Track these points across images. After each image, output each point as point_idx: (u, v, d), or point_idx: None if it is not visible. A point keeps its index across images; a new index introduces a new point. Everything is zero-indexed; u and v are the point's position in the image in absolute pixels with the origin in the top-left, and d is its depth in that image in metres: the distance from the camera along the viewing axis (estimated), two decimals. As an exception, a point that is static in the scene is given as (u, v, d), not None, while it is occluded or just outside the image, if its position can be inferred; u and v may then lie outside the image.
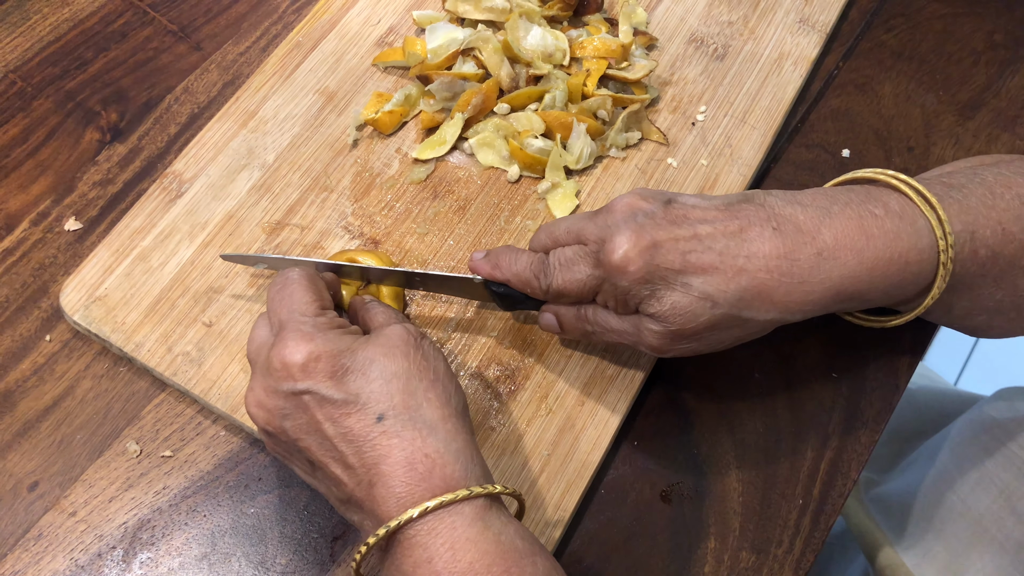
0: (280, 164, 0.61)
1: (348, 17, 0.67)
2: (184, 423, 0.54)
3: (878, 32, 0.72)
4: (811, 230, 0.45)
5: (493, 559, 0.40)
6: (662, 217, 0.46)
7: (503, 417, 0.54)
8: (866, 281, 0.46)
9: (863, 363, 0.58)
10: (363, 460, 0.41)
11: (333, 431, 0.42)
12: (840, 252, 0.45)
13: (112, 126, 0.63)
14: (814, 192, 0.48)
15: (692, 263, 0.45)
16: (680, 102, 0.65)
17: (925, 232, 0.46)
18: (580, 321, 0.50)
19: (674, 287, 0.45)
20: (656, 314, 0.46)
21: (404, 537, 0.40)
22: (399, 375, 0.43)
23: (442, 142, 0.61)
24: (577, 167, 0.61)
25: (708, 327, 0.46)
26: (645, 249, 0.45)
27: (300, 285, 0.47)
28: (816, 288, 0.45)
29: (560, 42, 0.64)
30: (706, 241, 0.45)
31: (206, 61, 0.67)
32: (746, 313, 0.45)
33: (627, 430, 0.55)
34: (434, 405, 0.43)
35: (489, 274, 0.51)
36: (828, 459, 0.55)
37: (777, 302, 0.45)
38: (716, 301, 0.45)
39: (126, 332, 0.55)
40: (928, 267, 0.47)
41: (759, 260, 0.45)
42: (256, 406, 0.44)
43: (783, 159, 0.65)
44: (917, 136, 0.67)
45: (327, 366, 0.43)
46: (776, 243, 0.45)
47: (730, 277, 0.45)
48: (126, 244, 0.57)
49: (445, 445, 0.42)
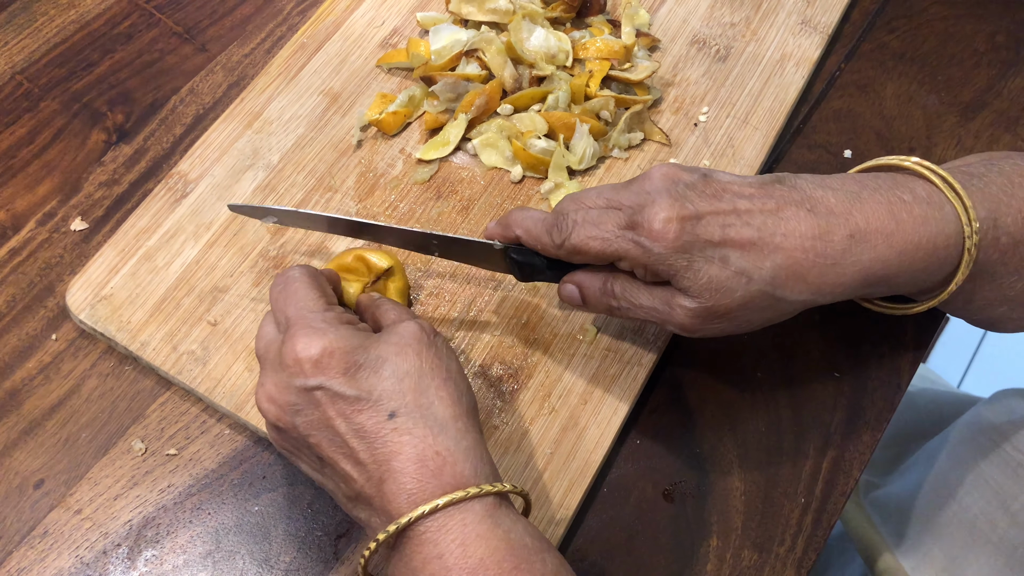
0: (285, 164, 0.61)
1: (352, 19, 0.68)
2: (189, 421, 0.54)
3: (880, 33, 0.72)
4: (843, 213, 0.46)
5: (503, 555, 0.40)
6: (703, 189, 0.46)
7: (506, 415, 0.54)
8: (895, 265, 0.46)
9: (865, 362, 0.58)
10: (374, 456, 0.42)
11: (345, 427, 0.42)
12: (871, 236, 0.46)
13: (118, 127, 0.64)
14: (842, 177, 0.48)
15: (731, 237, 0.45)
16: (682, 103, 0.65)
17: (952, 218, 0.47)
18: (605, 296, 0.49)
19: (712, 260, 0.45)
20: (690, 288, 0.46)
21: (414, 534, 0.41)
22: (411, 373, 0.43)
23: (446, 143, 0.62)
24: (580, 167, 0.61)
25: (741, 305, 0.46)
26: (687, 218, 0.45)
27: (303, 282, 0.47)
28: (848, 270, 0.46)
29: (563, 43, 0.64)
30: (745, 216, 0.45)
31: (211, 63, 0.67)
32: (779, 292, 0.45)
33: (630, 428, 0.55)
34: (445, 403, 0.43)
35: (501, 235, 0.51)
36: (830, 458, 0.55)
37: (811, 282, 0.45)
38: (752, 277, 0.45)
39: (131, 331, 0.55)
40: (954, 252, 0.47)
41: (795, 239, 0.45)
42: (267, 401, 0.44)
43: (785, 160, 0.66)
44: (919, 137, 0.67)
45: (340, 362, 0.43)
46: (811, 223, 0.45)
47: (767, 254, 0.45)
48: (132, 244, 0.58)
49: (455, 443, 0.42)
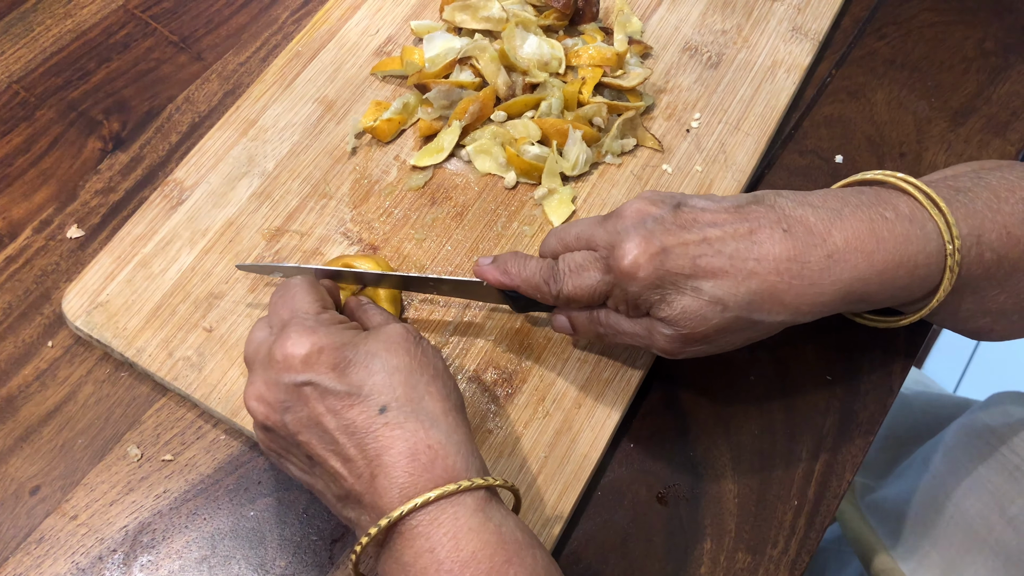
0: (280, 172, 0.62)
1: (347, 27, 0.68)
2: (184, 427, 0.54)
3: (870, 40, 0.72)
4: (822, 232, 0.46)
5: (495, 549, 0.40)
6: (671, 222, 0.47)
7: (500, 420, 0.54)
8: (876, 283, 0.46)
9: (857, 366, 0.59)
10: (365, 452, 0.42)
11: (334, 424, 0.42)
12: (850, 255, 0.46)
13: (114, 135, 0.64)
14: (824, 193, 0.49)
15: (702, 267, 0.45)
16: (675, 109, 0.66)
17: (934, 236, 0.47)
18: (593, 324, 0.51)
19: (684, 291, 0.46)
20: (667, 318, 0.46)
21: (405, 528, 0.41)
22: (401, 369, 0.44)
23: (440, 149, 0.62)
24: (573, 173, 0.62)
25: (719, 330, 0.46)
26: (655, 255, 0.46)
27: (302, 288, 0.49)
28: (827, 290, 0.46)
29: (556, 51, 0.64)
30: (716, 245, 0.45)
31: (207, 71, 0.68)
32: (756, 315, 0.46)
33: (624, 432, 0.56)
34: (435, 399, 0.44)
35: (498, 280, 0.51)
36: (823, 461, 0.56)
37: (788, 304, 0.46)
38: (727, 304, 0.45)
39: (127, 338, 0.55)
40: (935, 270, 0.47)
41: (769, 263, 0.45)
42: (256, 400, 0.44)
43: (777, 165, 0.66)
44: (909, 142, 0.68)
45: (329, 358, 0.43)
46: (787, 245, 0.45)
47: (740, 280, 0.45)
48: (128, 251, 0.58)
49: (447, 437, 0.42)
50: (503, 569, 0.40)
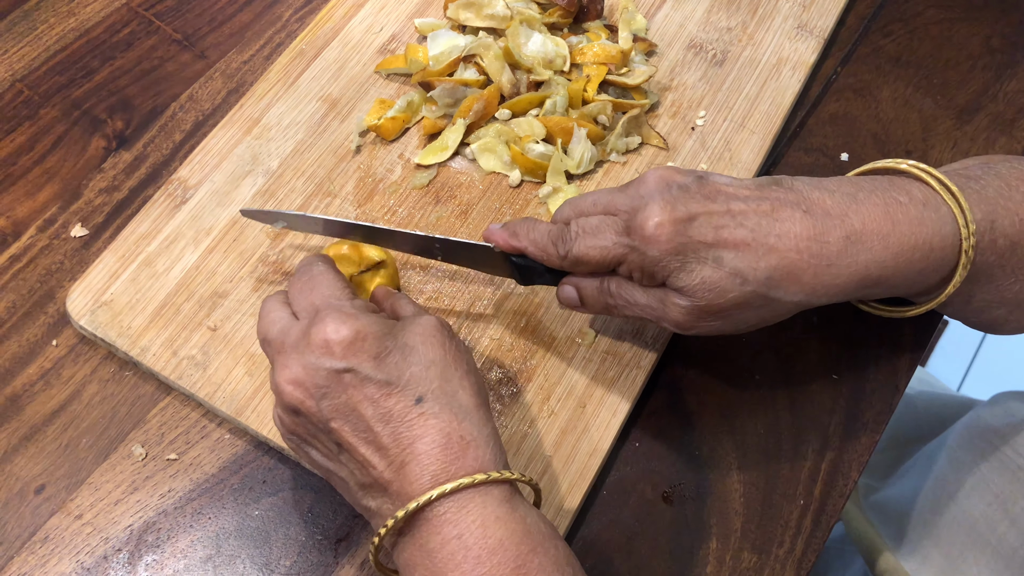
0: (284, 170, 0.61)
1: (351, 25, 0.68)
2: (189, 426, 0.54)
3: (876, 37, 0.72)
4: (839, 214, 0.46)
5: (521, 538, 0.41)
6: (696, 191, 0.47)
7: (506, 419, 0.54)
8: (891, 267, 0.46)
9: (863, 365, 0.59)
10: (398, 441, 0.42)
11: (371, 412, 0.42)
12: (867, 237, 0.46)
13: (118, 134, 0.64)
14: (839, 179, 0.49)
15: (725, 238, 0.45)
16: (680, 107, 0.66)
17: (948, 219, 0.47)
18: (602, 294, 0.50)
19: (705, 261, 0.46)
20: (684, 288, 0.46)
21: (432, 515, 0.41)
22: (436, 362, 0.44)
23: (444, 148, 0.62)
24: (578, 172, 0.62)
25: (735, 305, 0.46)
26: (680, 220, 0.45)
27: (328, 272, 0.48)
28: (843, 272, 0.46)
29: (560, 48, 0.64)
30: (739, 218, 0.45)
31: (211, 69, 0.68)
32: (774, 293, 0.46)
33: (629, 431, 0.56)
34: (468, 392, 0.44)
35: (506, 242, 0.51)
36: (829, 460, 0.56)
37: (805, 283, 0.46)
38: (746, 278, 0.45)
39: (132, 336, 0.55)
40: (951, 254, 0.47)
41: (790, 240, 0.45)
42: (292, 383, 0.44)
43: (782, 163, 0.66)
44: (915, 140, 0.67)
45: (371, 346, 0.43)
46: (807, 224, 0.45)
47: (761, 255, 0.45)
48: (132, 250, 0.58)
49: (478, 430, 0.43)
50: (529, 558, 0.40)
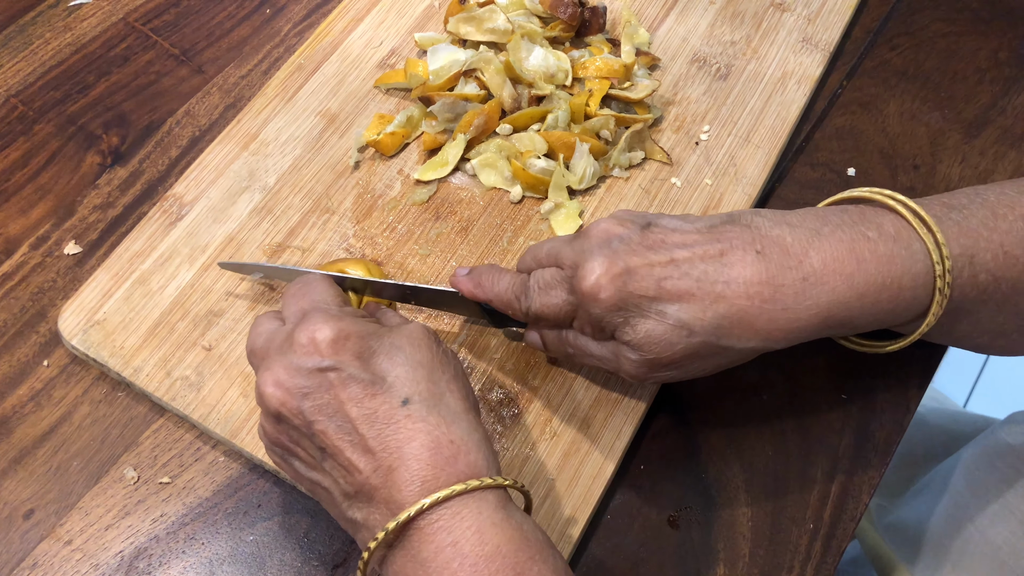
0: (281, 186, 0.60)
1: (350, 40, 0.67)
2: (183, 449, 0.53)
3: (882, 51, 0.71)
4: (798, 253, 0.44)
5: (519, 545, 0.39)
6: (638, 242, 0.45)
7: (506, 441, 0.53)
8: (856, 307, 0.44)
9: (872, 384, 0.57)
10: (385, 444, 0.40)
11: (356, 412, 0.41)
12: (828, 277, 0.44)
13: (113, 150, 0.63)
14: (805, 212, 0.47)
15: (667, 289, 0.44)
16: (683, 122, 0.65)
17: (921, 256, 0.45)
18: (562, 343, 0.50)
19: (648, 315, 0.44)
20: (631, 342, 0.45)
21: (424, 523, 0.39)
22: (423, 364, 0.43)
23: (444, 163, 0.61)
24: (580, 187, 0.61)
25: (685, 356, 0.45)
26: (617, 276, 0.44)
27: (321, 283, 0.48)
28: (802, 315, 0.44)
29: (562, 63, 0.63)
30: (683, 266, 0.44)
31: (208, 84, 0.67)
32: (725, 341, 0.44)
33: (633, 454, 0.54)
34: (456, 397, 0.43)
35: (471, 293, 0.51)
36: (839, 482, 0.54)
37: (759, 330, 0.44)
38: (692, 329, 0.44)
39: (124, 356, 0.54)
40: (923, 292, 0.45)
41: (739, 286, 0.43)
42: (273, 385, 0.42)
43: (788, 178, 0.65)
44: (923, 154, 0.66)
45: (355, 345, 0.42)
46: (759, 268, 0.43)
47: (707, 304, 0.43)
48: (125, 267, 0.57)
49: (468, 434, 0.41)
50: (528, 566, 0.39)
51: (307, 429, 0.42)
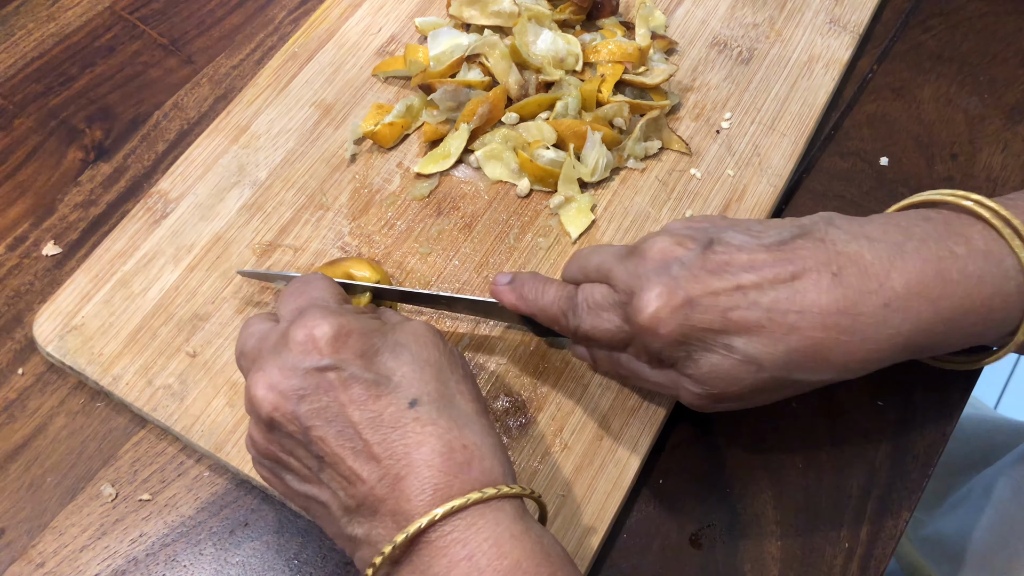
0: (273, 181, 0.57)
1: (347, 26, 0.63)
2: (165, 463, 0.49)
3: (915, 33, 0.67)
4: (879, 274, 0.39)
5: (540, 560, 0.36)
6: (699, 266, 0.41)
7: (513, 453, 0.49)
8: (941, 334, 0.40)
9: (911, 389, 0.53)
10: (392, 450, 0.37)
11: (359, 416, 0.37)
12: (912, 301, 0.39)
13: (96, 144, 0.60)
14: (885, 221, 0.42)
15: (734, 321, 0.39)
16: (703, 109, 0.60)
17: (1012, 273, 0.40)
18: (613, 365, 0.46)
19: (713, 349, 0.40)
20: (693, 376, 0.42)
21: (436, 536, 0.36)
22: (431, 363, 0.40)
23: (446, 155, 0.57)
24: (592, 179, 0.56)
25: (753, 390, 0.41)
26: (678, 308, 0.40)
27: (321, 281, 0.45)
28: (883, 345, 0.40)
29: (572, 46, 0.59)
30: (751, 294, 0.40)
31: (197, 75, 0.63)
32: (796, 375, 0.40)
33: (651, 467, 0.50)
34: (467, 398, 0.40)
35: (513, 305, 0.47)
36: (876, 498, 0.50)
37: (835, 362, 0.40)
38: (762, 364, 0.40)
39: (103, 364, 0.50)
40: (1015, 313, 0.41)
41: (814, 316, 0.39)
42: (266, 388, 0.38)
43: (816, 168, 0.60)
44: (961, 142, 0.62)
45: (358, 343, 0.39)
46: (835, 295, 0.39)
47: (779, 337, 0.39)
48: (106, 269, 0.53)
49: (481, 439, 0.38)
50: None
51: (303, 436, 0.38)
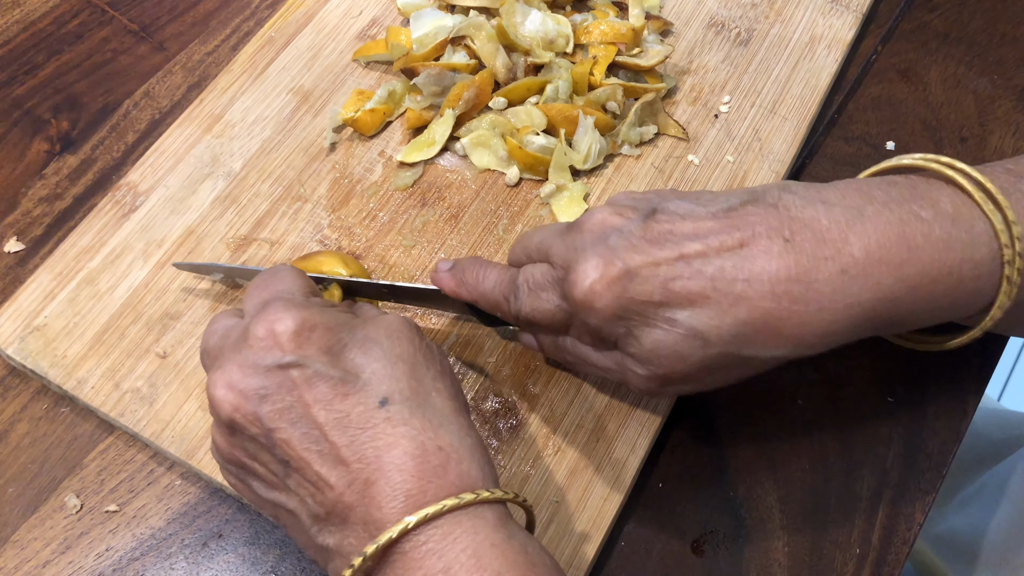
0: (248, 172, 0.54)
1: (326, 9, 0.60)
2: (133, 471, 0.46)
3: (920, 12, 0.64)
4: (835, 239, 0.36)
5: (524, 571, 0.33)
6: (639, 235, 0.38)
7: (503, 458, 0.46)
8: (906, 304, 0.37)
9: (923, 384, 0.50)
10: (360, 452, 0.34)
11: (325, 416, 0.35)
12: (873, 268, 0.36)
13: (63, 135, 0.57)
14: (845, 185, 0.39)
15: (676, 292, 0.36)
16: (700, 92, 0.58)
17: (985, 239, 0.37)
18: (560, 351, 0.44)
19: (654, 323, 0.37)
20: (636, 355, 0.39)
21: (410, 546, 0.33)
22: (404, 359, 0.37)
23: (431, 143, 0.54)
24: (585, 167, 0.54)
25: (701, 369, 0.38)
26: (615, 280, 0.37)
27: (288, 273, 0.42)
28: (840, 316, 0.36)
29: (562, 27, 0.56)
30: (695, 263, 0.37)
31: (170, 62, 0.60)
32: (747, 351, 0.37)
33: (650, 470, 0.47)
34: (444, 396, 0.37)
35: (453, 291, 0.45)
36: (888, 500, 0.47)
37: (788, 335, 0.36)
38: (708, 339, 0.37)
39: (67, 367, 0.47)
40: (987, 282, 0.38)
41: (763, 284, 0.36)
42: (225, 387, 0.36)
43: (820, 153, 0.58)
44: (971, 125, 0.59)
45: (323, 337, 0.36)
46: (787, 260, 0.36)
47: (725, 308, 0.36)
48: (71, 266, 0.50)
49: (459, 440, 0.35)
50: None
51: (266, 439, 0.36)
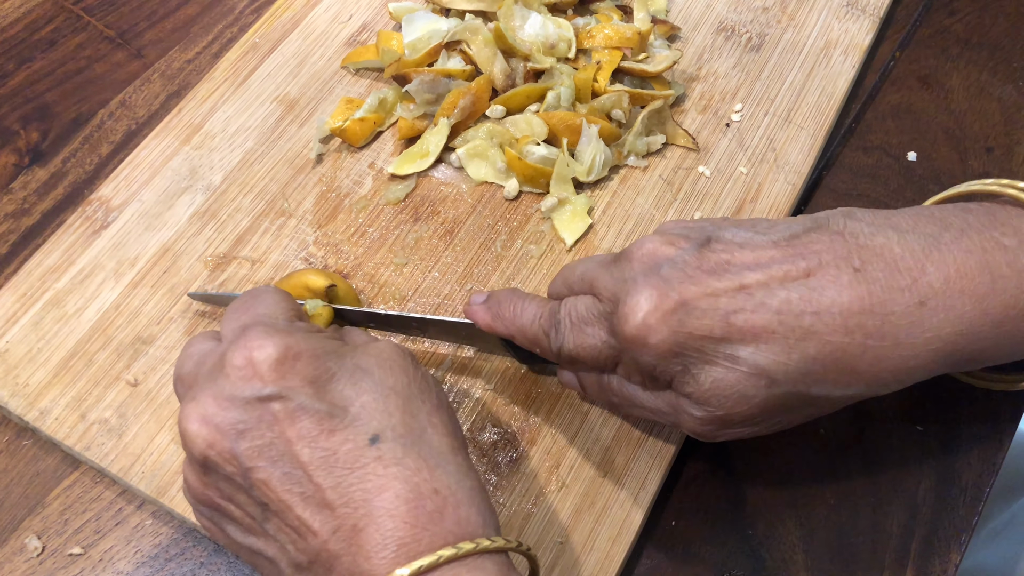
0: (229, 185, 0.50)
1: (314, 14, 0.57)
2: (100, 510, 0.43)
3: (939, 16, 0.61)
4: (912, 268, 0.34)
5: None
6: (695, 265, 0.35)
7: (503, 494, 0.42)
8: (990, 338, 0.35)
9: (955, 411, 0.47)
10: (348, 495, 0.32)
11: (309, 454, 0.32)
12: (954, 299, 0.34)
13: (32, 147, 0.53)
14: (915, 212, 0.37)
15: (738, 327, 0.34)
16: (711, 100, 0.54)
17: None
18: (604, 391, 0.40)
19: (715, 361, 0.34)
20: (693, 395, 0.36)
21: None
22: (398, 391, 0.34)
23: (424, 154, 0.51)
24: (588, 179, 0.50)
25: (764, 410, 0.35)
26: (670, 312, 0.34)
27: (272, 294, 0.38)
28: (919, 351, 0.34)
29: (564, 31, 0.53)
30: (757, 294, 0.34)
31: (148, 70, 0.57)
32: (817, 390, 0.35)
33: (662, 507, 0.44)
34: (440, 432, 0.34)
35: (489, 326, 0.42)
36: (920, 538, 0.44)
37: (862, 373, 0.34)
38: (774, 377, 0.34)
39: (29, 396, 0.44)
40: None
41: (834, 317, 0.33)
42: (199, 422, 0.33)
43: (837, 164, 0.54)
44: (996, 134, 0.56)
45: (307, 367, 0.33)
46: (859, 291, 0.34)
47: (792, 344, 0.34)
48: (36, 287, 0.47)
49: (457, 482, 0.33)
50: None
51: (244, 479, 0.32)
